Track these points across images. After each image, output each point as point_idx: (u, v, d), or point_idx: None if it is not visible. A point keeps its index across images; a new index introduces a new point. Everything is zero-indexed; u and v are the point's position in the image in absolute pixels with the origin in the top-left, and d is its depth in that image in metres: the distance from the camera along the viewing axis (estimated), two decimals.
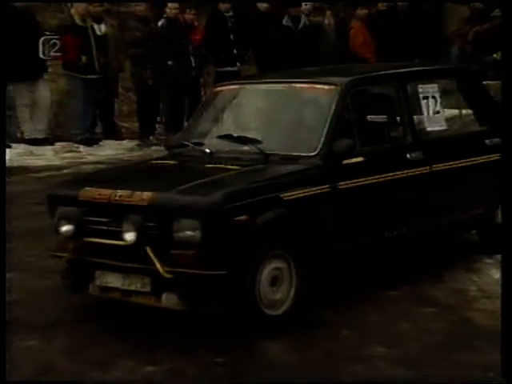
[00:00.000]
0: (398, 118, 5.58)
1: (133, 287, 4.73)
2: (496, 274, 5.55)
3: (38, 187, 8.53)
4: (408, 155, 5.44)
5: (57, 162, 9.79)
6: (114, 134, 10.93)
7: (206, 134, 5.62)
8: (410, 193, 5.42)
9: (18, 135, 10.41)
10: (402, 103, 5.56)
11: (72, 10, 10.61)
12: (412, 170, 5.41)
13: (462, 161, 5.71)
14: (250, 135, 5.22)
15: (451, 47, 12.43)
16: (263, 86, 5.80)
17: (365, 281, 5.48)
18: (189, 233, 4.49)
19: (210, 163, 5.16)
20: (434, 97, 5.73)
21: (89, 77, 10.32)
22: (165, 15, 10.91)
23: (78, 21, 10.38)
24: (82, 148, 10.34)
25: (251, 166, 5.01)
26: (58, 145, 10.34)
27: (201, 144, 5.44)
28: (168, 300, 4.61)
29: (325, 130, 5.05)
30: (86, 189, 4.91)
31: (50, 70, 10.67)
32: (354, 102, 5.24)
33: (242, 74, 11.45)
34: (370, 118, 5.37)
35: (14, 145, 10.05)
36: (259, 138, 5.18)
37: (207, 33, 11.19)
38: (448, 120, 5.87)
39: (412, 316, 4.94)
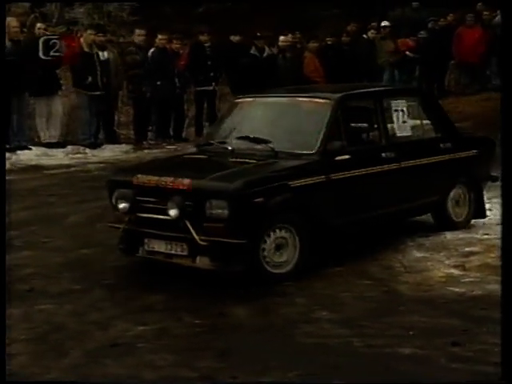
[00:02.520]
0: (376, 126, 5.82)
1: (173, 251, 5.03)
2: (416, 254, 5.55)
3: (52, 182, 8.43)
4: (383, 154, 5.69)
5: (67, 162, 9.66)
6: (114, 139, 10.83)
7: (227, 135, 5.77)
8: (385, 183, 5.66)
9: (36, 140, 10.27)
10: (379, 114, 5.78)
11: (81, 39, 10.48)
12: (386, 166, 5.64)
13: (423, 159, 5.96)
14: (263, 137, 5.47)
15: (383, 72, 12.63)
16: (272, 99, 6.11)
17: (318, 258, 5.47)
18: (218, 210, 4.83)
19: (232, 158, 5.43)
20: (402, 110, 5.98)
21: (94, 93, 10.24)
22: (155, 44, 10.84)
23: (85, 48, 10.28)
24: (87, 150, 10.25)
25: (264, 161, 5.29)
26: (68, 148, 10.22)
27: (223, 143, 5.63)
28: (201, 261, 4.94)
29: (321, 134, 5.34)
30: (138, 176, 5.21)
31: (63, 87, 10.56)
32: (343, 113, 5.51)
33: (218, 93, 11.44)
34: (354, 125, 5.65)
35: (32, 147, 9.91)
36: (270, 139, 5.39)
37: (189, 59, 11.12)
38: (412, 128, 6.11)
39: (352, 287, 4.93)
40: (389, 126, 5.86)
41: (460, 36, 13.00)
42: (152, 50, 10.79)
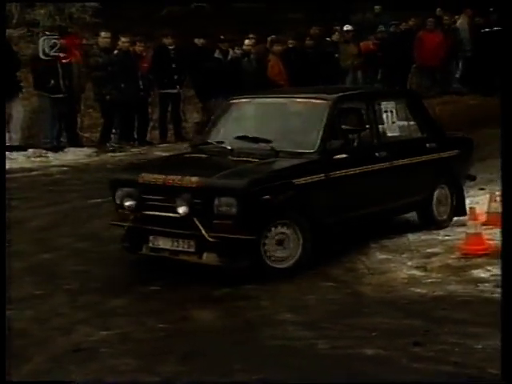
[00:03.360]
0: (368, 126, 5.93)
1: (180, 248, 5.12)
2: (379, 256, 5.61)
3: (13, 186, 8.30)
4: (376, 153, 5.83)
5: (28, 165, 9.52)
6: (77, 142, 10.70)
7: (224, 135, 5.87)
8: (378, 181, 5.79)
9: None
10: (371, 115, 5.90)
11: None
12: (379, 165, 5.78)
13: (412, 158, 6.12)
14: (262, 137, 5.54)
15: (346, 75, 12.78)
16: (269, 100, 6.20)
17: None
18: (227, 207, 4.93)
19: (233, 157, 5.47)
20: (391, 111, 6.13)
21: (56, 96, 10.11)
22: (118, 47, 10.75)
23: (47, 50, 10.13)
24: (49, 154, 10.10)
25: (266, 159, 5.36)
26: (30, 151, 10.07)
27: (222, 142, 5.72)
28: (207, 258, 5.05)
29: (320, 133, 5.45)
30: (143, 174, 5.27)
31: (23, 90, 10.39)
32: (339, 113, 5.64)
33: (183, 96, 11.39)
34: (349, 125, 5.73)
35: None
36: (269, 139, 5.50)
37: (153, 62, 11.05)
38: (400, 128, 6.26)
39: (316, 290, 4.95)
40: (380, 126, 6.03)
41: (421, 40, 13.20)
42: (115, 52, 10.71)
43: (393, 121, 6.11)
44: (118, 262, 5.58)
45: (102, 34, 10.79)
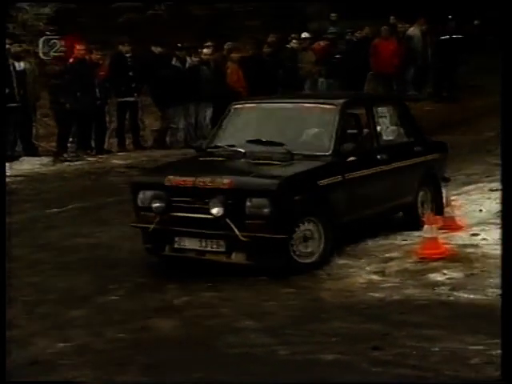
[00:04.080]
0: (369, 130, 6.19)
1: (208, 248, 5.27)
2: (338, 261, 5.65)
3: None
4: (378, 156, 6.06)
5: None
6: (33, 151, 10.57)
7: (234, 139, 5.94)
8: (380, 183, 6.04)
9: None
10: (371, 120, 6.18)
11: None
12: (382, 167, 6.05)
13: (406, 161, 6.39)
14: (274, 140, 5.68)
15: (305, 81, 12.91)
16: (276, 105, 6.39)
17: (243, 269, 5.48)
18: (260, 208, 5.10)
19: (249, 159, 5.61)
20: (386, 116, 6.43)
21: (10, 105, 9.96)
22: (74, 55, 10.65)
23: None
24: None
25: (285, 162, 5.52)
26: None
27: (233, 146, 5.82)
28: (236, 257, 5.23)
29: (333, 137, 5.70)
30: (170, 177, 5.38)
31: None
32: (346, 118, 5.92)
33: (141, 104, 11.33)
34: (355, 129, 6.09)
35: None
36: (283, 142, 5.64)
37: (110, 70, 10.98)
38: (392, 132, 6.52)
39: (277, 296, 4.98)
40: (378, 130, 6.28)
41: (376, 47, 13.41)
42: (71, 60, 10.61)
43: (387, 125, 6.41)
44: (76, 273, 5.52)
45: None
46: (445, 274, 5.21)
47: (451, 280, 5.09)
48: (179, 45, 11.45)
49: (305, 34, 13.30)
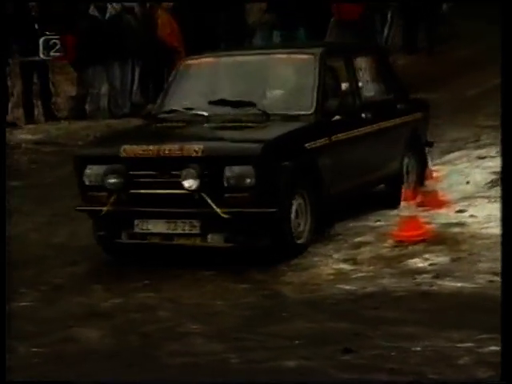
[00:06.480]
0: (350, 85, 6.17)
1: (179, 230, 5.22)
2: None
3: None
4: (362, 115, 6.10)
5: None
6: None
7: (190, 101, 5.95)
8: (366, 147, 6.07)
9: None
10: (351, 73, 6.26)
11: None
12: (368, 127, 6.11)
13: (389, 121, 6.45)
14: (242, 99, 5.67)
15: (253, 36, 12.88)
16: (242, 58, 6.35)
17: (182, 262, 5.51)
18: (243, 178, 5.07)
19: (217, 124, 5.60)
20: (365, 68, 6.43)
21: None
22: None
23: None
24: None
25: (262, 124, 5.54)
26: None
27: (191, 109, 5.78)
28: (214, 239, 5.21)
29: (314, 93, 5.68)
30: (126, 147, 5.31)
31: None
32: (325, 70, 5.88)
33: (50, 65, 11.16)
34: (335, 83, 5.98)
35: None
36: (254, 101, 5.64)
37: (9, 21, 10.72)
38: (373, 88, 6.55)
39: (226, 293, 5.02)
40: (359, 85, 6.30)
41: None
42: None
43: (367, 79, 6.44)
44: None
45: None
46: (427, 259, 5.32)
47: (434, 266, 5.20)
48: None
49: None
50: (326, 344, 4.16)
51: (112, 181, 5.25)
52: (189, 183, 5.11)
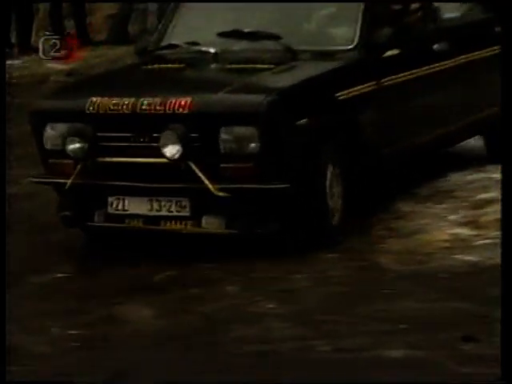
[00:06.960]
0: (417, 4, 5.98)
1: (164, 212, 4.99)
2: (403, 207, 5.74)
3: None
4: (435, 46, 5.87)
5: None
6: None
7: (196, 33, 5.78)
8: (439, 90, 5.86)
9: None
10: None
11: None
12: (441, 64, 5.86)
13: (481, 51, 6.22)
14: (264, 30, 5.47)
15: None
16: None
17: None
18: (244, 142, 4.82)
19: (225, 64, 5.39)
20: None
21: None
22: None
23: None
24: None
25: (283, 65, 5.29)
26: None
27: (196, 44, 5.60)
28: (210, 223, 4.96)
29: (359, 20, 5.38)
30: (95, 99, 5.05)
31: None
32: None
33: None
34: (392, 4, 5.75)
35: None
36: (278, 33, 5.41)
37: None
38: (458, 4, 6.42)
39: (308, 263, 5.03)
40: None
41: None
42: None
43: None
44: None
45: None
46: None
47: None
48: None
49: None
50: (439, 329, 4.15)
51: (73, 146, 5.02)
52: (169, 150, 4.85)
